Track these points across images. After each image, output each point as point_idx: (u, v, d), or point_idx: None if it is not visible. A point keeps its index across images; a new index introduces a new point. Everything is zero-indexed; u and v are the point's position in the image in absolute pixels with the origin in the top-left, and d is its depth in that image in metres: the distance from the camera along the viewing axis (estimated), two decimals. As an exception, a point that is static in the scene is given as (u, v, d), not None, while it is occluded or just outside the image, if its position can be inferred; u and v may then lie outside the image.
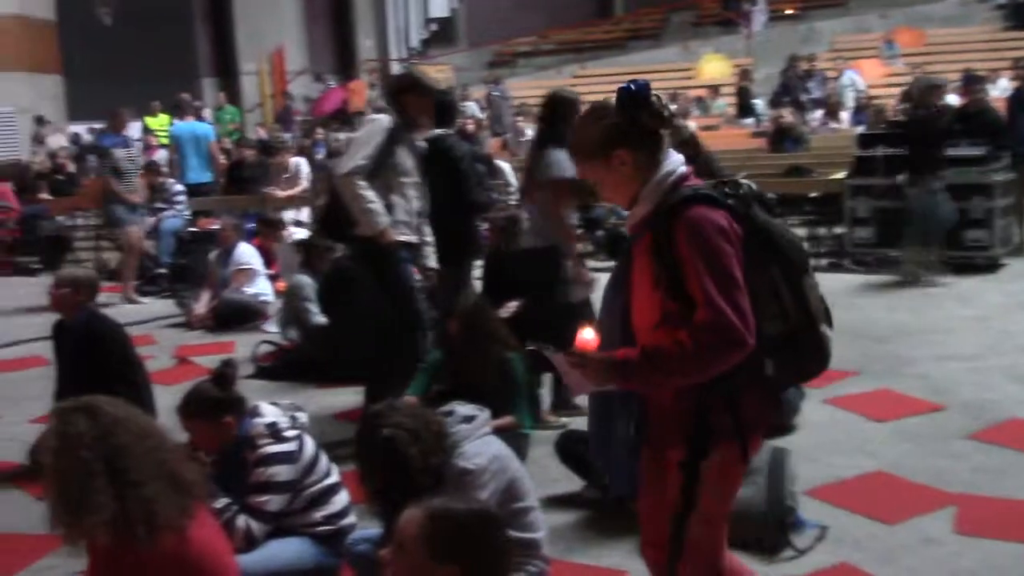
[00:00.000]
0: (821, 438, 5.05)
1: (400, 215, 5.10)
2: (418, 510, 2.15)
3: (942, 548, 3.82)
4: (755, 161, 11.85)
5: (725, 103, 17.99)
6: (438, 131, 5.84)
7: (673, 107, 10.12)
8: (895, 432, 5.09)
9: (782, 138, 12.59)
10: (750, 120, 16.13)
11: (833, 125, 14.42)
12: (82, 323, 5.01)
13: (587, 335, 2.54)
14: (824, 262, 9.68)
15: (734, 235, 2.39)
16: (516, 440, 4.40)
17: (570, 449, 4.55)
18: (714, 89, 18.81)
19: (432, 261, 5.42)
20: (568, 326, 2.74)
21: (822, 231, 10.18)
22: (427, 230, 5.37)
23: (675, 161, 2.51)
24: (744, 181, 2.53)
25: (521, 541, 3.45)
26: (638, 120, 2.46)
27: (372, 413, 3.33)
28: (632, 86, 2.47)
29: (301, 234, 8.06)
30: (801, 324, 2.47)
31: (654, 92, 2.49)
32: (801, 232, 10.36)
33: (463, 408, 3.51)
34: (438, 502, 2.17)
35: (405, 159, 5.15)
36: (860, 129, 11.54)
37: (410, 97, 5.22)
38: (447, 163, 5.66)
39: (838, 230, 10.00)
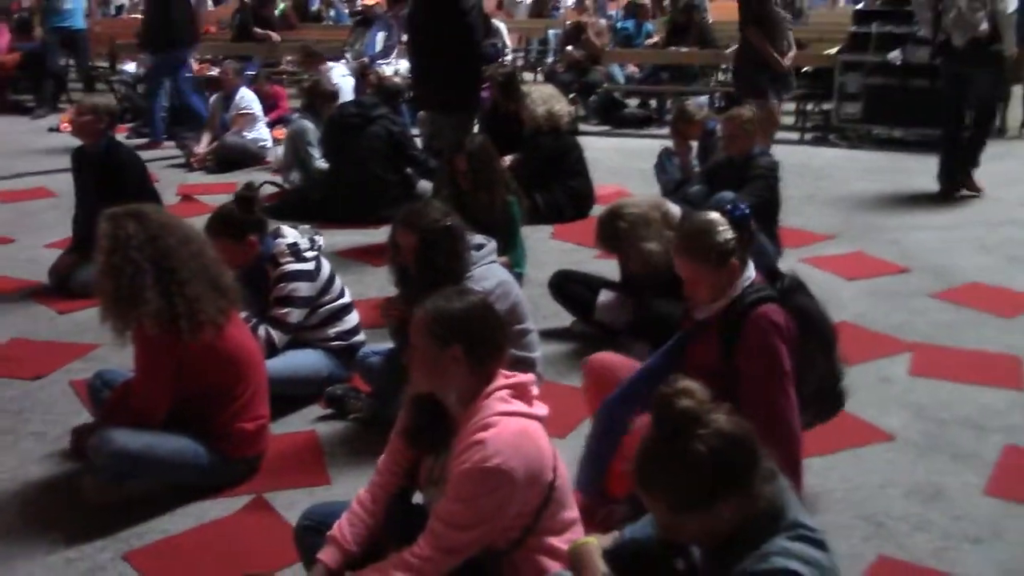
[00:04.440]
0: (795, 292, 5.41)
1: None
2: (419, 311, 2.47)
3: (896, 386, 4.23)
4: (750, 33, 11.91)
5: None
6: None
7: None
8: (863, 289, 5.46)
9: (780, 12, 12.62)
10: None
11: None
12: (102, 150, 5.24)
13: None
14: (809, 136, 9.94)
15: (786, 328, 2.88)
16: (511, 278, 4.73)
17: (562, 287, 4.90)
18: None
19: None
20: None
21: (811, 106, 10.36)
22: None
23: (751, 268, 2.99)
24: (789, 274, 3.13)
25: (519, 359, 3.81)
26: (744, 238, 2.95)
27: (434, 204, 3.71)
28: (743, 209, 3.00)
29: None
30: (830, 382, 3.11)
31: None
32: (790, 106, 10.58)
33: (474, 237, 3.82)
34: (431, 300, 2.47)
35: None
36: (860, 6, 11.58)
37: None
38: (456, 14, 5.79)
39: (826, 106, 10.19)
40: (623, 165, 8.53)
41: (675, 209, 4.55)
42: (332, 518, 2.62)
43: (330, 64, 8.44)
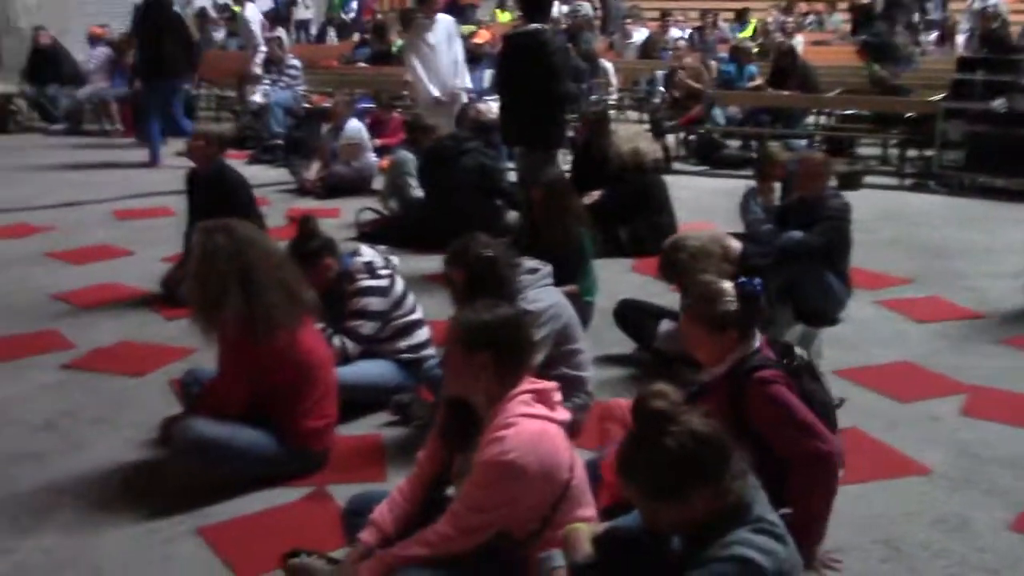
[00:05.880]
0: (865, 331, 5.50)
1: None
2: (452, 321, 2.75)
3: (944, 424, 4.31)
4: (855, 78, 11.92)
5: (841, 19, 17.80)
6: (535, 25, 6.29)
7: (785, 19, 10.66)
8: (933, 332, 5.51)
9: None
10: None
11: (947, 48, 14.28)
12: (214, 173, 5.76)
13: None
14: (908, 182, 9.89)
15: (785, 382, 3.00)
16: (580, 307, 4.95)
17: (626, 316, 5.13)
18: (831, 4, 18.56)
19: None
20: None
21: (912, 152, 10.31)
22: None
23: (758, 339, 3.09)
24: (799, 352, 3.21)
25: (570, 377, 4.06)
26: (749, 311, 3.07)
27: (478, 238, 3.90)
28: (755, 286, 3.07)
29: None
30: None
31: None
32: (893, 151, 10.55)
33: (529, 262, 4.11)
34: (465, 311, 2.75)
35: None
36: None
37: None
38: (542, 56, 6.12)
39: (928, 152, 10.13)
40: (714, 204, 8.66)
41: (735, 244, 4.75)
42: (374, 504, 2.92)
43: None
